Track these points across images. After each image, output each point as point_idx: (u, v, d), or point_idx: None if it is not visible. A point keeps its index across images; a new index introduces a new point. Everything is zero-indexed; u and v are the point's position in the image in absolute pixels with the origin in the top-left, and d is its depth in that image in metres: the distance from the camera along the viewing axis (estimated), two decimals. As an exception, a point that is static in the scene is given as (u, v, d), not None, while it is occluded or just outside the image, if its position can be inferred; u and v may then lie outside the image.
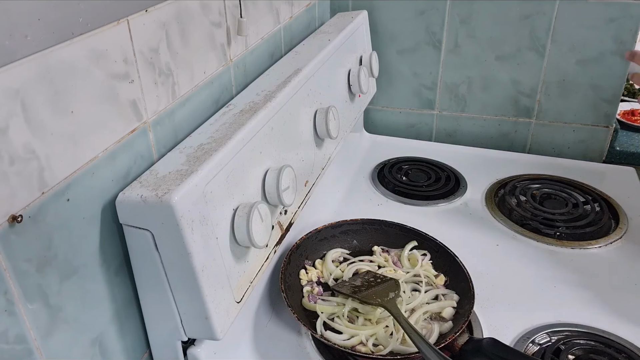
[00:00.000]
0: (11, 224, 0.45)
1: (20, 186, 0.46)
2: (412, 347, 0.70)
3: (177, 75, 0.67)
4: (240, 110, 0.73)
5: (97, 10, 0.52)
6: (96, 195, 0.56)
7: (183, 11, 0.66)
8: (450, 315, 0.75)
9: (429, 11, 1.19)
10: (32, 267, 0.48)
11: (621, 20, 1.07)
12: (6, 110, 0.44)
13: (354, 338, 0.72)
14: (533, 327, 0.77)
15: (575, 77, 1.16)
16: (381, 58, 1.25)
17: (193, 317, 0.61)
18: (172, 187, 0.55)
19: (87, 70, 0.52)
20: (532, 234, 0.96)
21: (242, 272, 0.66)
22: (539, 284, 0.86)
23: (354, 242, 0.92)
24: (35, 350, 0.50)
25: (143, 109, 0.61)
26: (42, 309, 0.50)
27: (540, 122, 1.23)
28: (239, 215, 0.63)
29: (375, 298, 0.75)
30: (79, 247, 0.54)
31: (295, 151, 0.82)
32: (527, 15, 1.13)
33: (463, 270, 0.80)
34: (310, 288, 0.81)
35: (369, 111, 1.35)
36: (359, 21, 1.14)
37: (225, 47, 0.78)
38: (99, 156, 0.55)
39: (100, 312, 0.59)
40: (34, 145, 0.47)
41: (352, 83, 1.05)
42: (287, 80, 0.82)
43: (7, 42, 0.43)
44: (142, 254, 0.58)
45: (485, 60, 1.20)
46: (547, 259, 0.91)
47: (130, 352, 0.65)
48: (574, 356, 0.71)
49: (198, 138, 0.66)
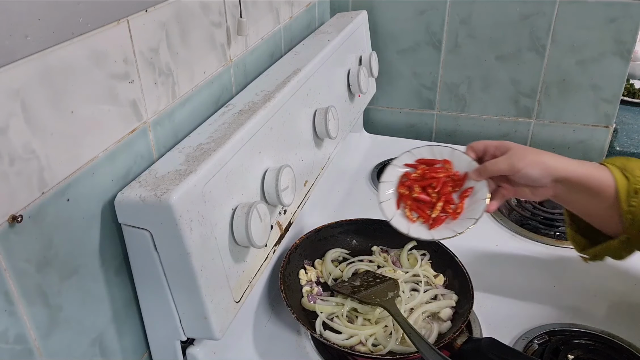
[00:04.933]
0: (11, 224, 0.45)
1: (20, 186, 0.46)
2: (411, 347, 0.70)
3: (177, 75, 0.67)
4: (239, 110, 0.73)
5: (97, 10, 0.52)
6: (96, 195, 0.56)
7: (183, 11, 0.66)
8: (449, 316, 0.75)
9: (429, 11, 1.19)
10: (32, 267, 0.48)
11: (621, 20, 1.07)
12: (6, 110, 0.44)
13: (353, 338, 0.72)
14: (532, 327, 0.77)
15: (575, 77, 1.16)
16: (381, 58, 1.25)
17: (192, 316, 0.61)
18: (170, 187, 0.55)
19: (87, 70, 0.52)
20: (531, 233, 0.96)
21: (241, 272, 0.66)
22: (538, 284, 0.86)
23: (354, 242, 0.92)
24: (35, 350, 0.50)
25: (143, 109, 0.61)
26: (42, 309, 0.50)
27: (540, 122, 1.23)
28: (237, 215, 0.64)
29: (375, 298, 0.75)
30: (79, 247, 0.54)
31: (295, 151, 0.82)
32: (527, 15, 1.13)
33: (462, 270, 0.80)
34: (309, 288, 0.82)
35: (369, 111, 1.35)
36: (358, 21, 1.14)
37: (225, 47, 0.78)
38: (99, 156, 0.55)
39: (100, 312, 0.59)
40: (34, 145, 0.47)
41: (352, 83, 1.05)
42: (287, 80, 0.82)
43: (7, 42, 0.43)
44: (141, 254, 0.59)
45: (485, 60, 1.20)
46: (547, 258, 0.91)
47: (129, 351, 0.65)
48: (574, 356, 0.71)
49: (197, 138, 0.67)
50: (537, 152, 0.67)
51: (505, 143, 0.70)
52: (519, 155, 0.67)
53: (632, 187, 0.64)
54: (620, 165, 0.66)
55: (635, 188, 0.64)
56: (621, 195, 0.64)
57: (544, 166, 0.66)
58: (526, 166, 0.66)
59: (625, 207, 0.64)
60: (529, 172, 0.66)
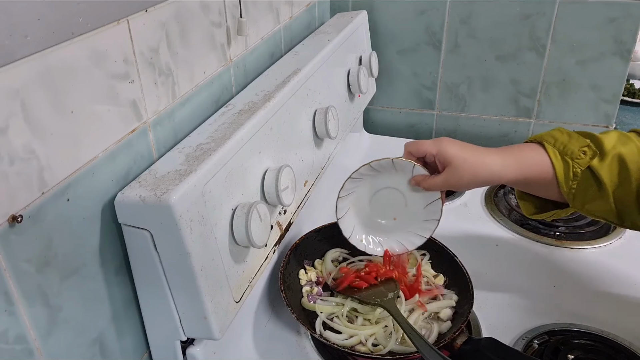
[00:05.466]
0: (11, 224, 0.45)
1: (20, 186, 0.46)
2: (411, 347, 0.70)
3: (177, 75, 0.67)
4: (239, 110, 0.73)
5: (97, 10, 0.52)
6: (96, 195, 0.56)
7: (183, 11, 0.66)
8: (449, 316, 0.75)
9: (429, 11, 1.19)
10: (32, 267, 0.48)
11: (621, 20, 1.07)
12: (6, 110, 0.44)
13: (353, 338, 0.72)
14: (532, 327, 0.77)
15: (575, 77, 1.16)
16: (381, 58, 1.25)
17: (192, 316, 0.61)
18: (170, 187, 0.55)
19: (87, 70, 0.52)
20: (531, 234, 0.96)
21: (241, 272, 0.66)
22: (538, 284, 0.86)
23: (354, 242, 0.92)
24: (35, 350, 0.50)
25: (143, 109, 0.61)
26: (42, 309, 0.50)
27: (540, 122, 1.23)
28: (237, 215, 0.64)
29: (375, 298, 0.75)
30: (79, 247, 0.54)
31: (295, 151, 0.82)
32: (527, 15, 1.13)
33: (462, 270, 0.80)
34: (309, 288, 0.81)
35: (369, 111, 1.35)
36: (358, 21, 1.14)
37: (225, 47, 0.78)
38: (99, 156, 0.55)
39: (100, 312, 0.59)
40: (34, 145, 0.47)
41: (352, 83, 1.05)
42: (287, 80, 0.82)
43: (7, 42, 0.43)
44: (141, 254, 0.58)
45: (485, 60, 1.20)
46: (547, 259, 0.91)
47: (129, 351, 0.65)
48: (573, 356, 0.71)
49: (197, 138, 0.67)
50: (473, 165, 0.67)
51: (443, 152, 0.69)
52: (456, 177, 0.68)
53: (571, 170, 0.65)
54: (560, 146, 0.66)
55: (575, 171, 0.65)
56: (560, 181, 0.65)
57: (481, 181, 0.68)
58: (464, 186, 0.70)
59: (565, 190, 0.66)
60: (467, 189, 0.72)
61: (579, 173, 0.65)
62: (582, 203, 0.66)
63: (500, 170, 0.67)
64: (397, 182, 0.76)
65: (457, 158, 0.68)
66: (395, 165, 0.74)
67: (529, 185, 0.69)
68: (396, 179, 0.76)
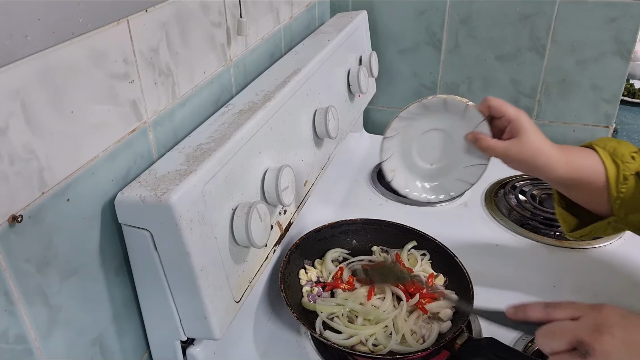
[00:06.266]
0: (11, 224, 0.45)
1: (20, 186, 0.46)
2: (411, 347, 0.70)
3: (177, 75, 0.67)
4: (239, 110, 0.73)
5: (97, 10, 0.52)
6: (96, 195, 0.56)
7: (183, 11, 0.66)
8: (449, 316, 0.75)
9: (429, 11, 1.19)
10: (32, 267, 0.48)
11: (621, 20, 1.07)
12: (6, 110, 0.44)
13: (353, 338, 0.72)
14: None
15: (575, 77, 1.16)
16: (381, 58, 1.25)
17: (192, 316, 0.61)
18: (170, 187, 0.55)
19: (87, 70, 0.52)
20: (531, 234, 0.96)
21: (241, 272, 0.66)
22: (538, 284, 0.86)
23: (354, 242, 0.92)
24: (35, 350, 0.50)
25: (143, 109, 0.61)
26: (42, 309, 0.50)
27: (540, 122, 1.23)
28: (238, 215, 0.64)
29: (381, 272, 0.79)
30: (79, 247, 0.54)
31: (295, 151, 0.82)
32: (527, 15, 1.13)
33: (462, 270, 0.80)
34: (309, 288, 0.82)
35: (369, 111, 1.35)
36: (358, 21, 1.14)
37: (225, 47, 0.78)
38: (99, 156, 0.55)
39: (100, 312, 0.59)
40: (34, 145, 0.47)
41: (352, 83, 1.05)
42: (287, 80, 0.82)
43: (7, 42, 0.43)
44: (141, 254, 0.59)
45: (485, 60, 1.20)
46: (547, 259, 0.91)
47: (130, 351, 0.65)
48: (573, 356, 0.71)
49: (197, 138, 0.67)
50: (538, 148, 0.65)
51: (521, 120, 0.66)
52: (516, 150, 0.66)
53: (621, 173, 0.64)
54: (610, 149, 0.66)
55: (624, 174, 0.64)
56: (611, 183, 0.64)
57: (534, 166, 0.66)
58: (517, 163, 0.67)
59: (614, 194, 0.65)
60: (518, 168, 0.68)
61: (628, 177, 0.64)
62: (626, 212, 0.65)
63: (554, 163, 0.65)
64: (447, 124, 0.71)
65: (529, 133, 0.65)
66: (448, 106, 0.70)
67: (576, 187, 0.67)
68: (446, 121, 0.71)
